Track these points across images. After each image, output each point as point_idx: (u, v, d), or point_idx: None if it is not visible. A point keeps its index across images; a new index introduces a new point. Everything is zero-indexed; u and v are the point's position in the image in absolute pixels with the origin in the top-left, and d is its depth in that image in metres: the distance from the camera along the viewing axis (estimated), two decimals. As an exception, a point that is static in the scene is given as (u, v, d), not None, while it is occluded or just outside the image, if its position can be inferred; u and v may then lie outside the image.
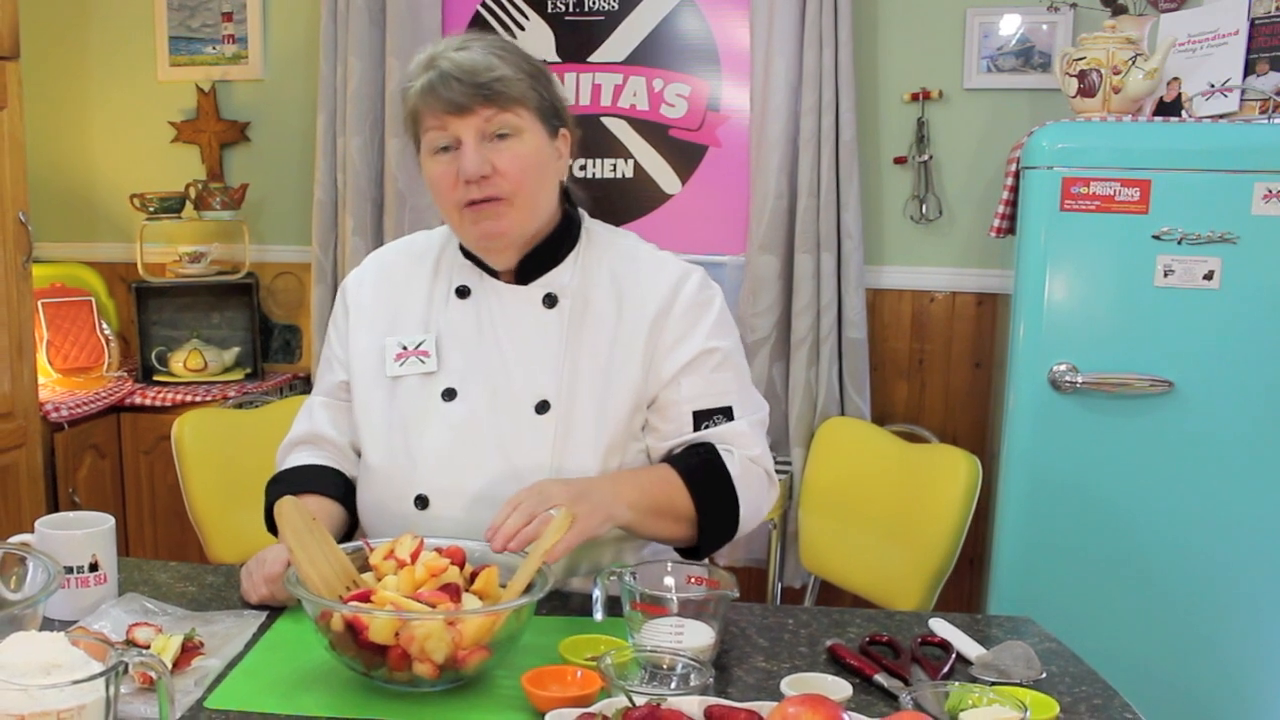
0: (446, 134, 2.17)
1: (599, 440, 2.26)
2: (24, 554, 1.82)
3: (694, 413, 2.29)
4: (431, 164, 2.22)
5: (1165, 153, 3.47)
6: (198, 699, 1.76)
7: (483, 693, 1.81)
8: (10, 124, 3.98)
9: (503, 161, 2.17)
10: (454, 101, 2.13)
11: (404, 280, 2.41)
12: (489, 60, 2.15)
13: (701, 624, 1.87)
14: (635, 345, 2.29)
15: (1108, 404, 3.55)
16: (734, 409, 2.31)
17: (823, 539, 3.91)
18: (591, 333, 2.30)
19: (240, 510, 3.54)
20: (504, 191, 2.19)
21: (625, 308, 2.31)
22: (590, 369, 2.28)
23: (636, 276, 2.34)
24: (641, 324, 2.29)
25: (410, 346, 2.32)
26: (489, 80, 2.13)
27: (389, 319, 2.38)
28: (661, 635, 1.85)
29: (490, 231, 2.24)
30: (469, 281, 2.35)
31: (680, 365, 2.28)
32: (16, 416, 4.05)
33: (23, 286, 4.07)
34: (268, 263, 5.16)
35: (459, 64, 2.14)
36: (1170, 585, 3.56)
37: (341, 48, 4.76)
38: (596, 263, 2.35)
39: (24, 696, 1.34)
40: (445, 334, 2.33)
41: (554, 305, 2.30)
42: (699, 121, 4.77)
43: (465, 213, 2.22)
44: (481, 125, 2.16)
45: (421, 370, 2.30)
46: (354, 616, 1.73)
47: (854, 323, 4.49)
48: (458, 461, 2.25)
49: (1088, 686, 1.92)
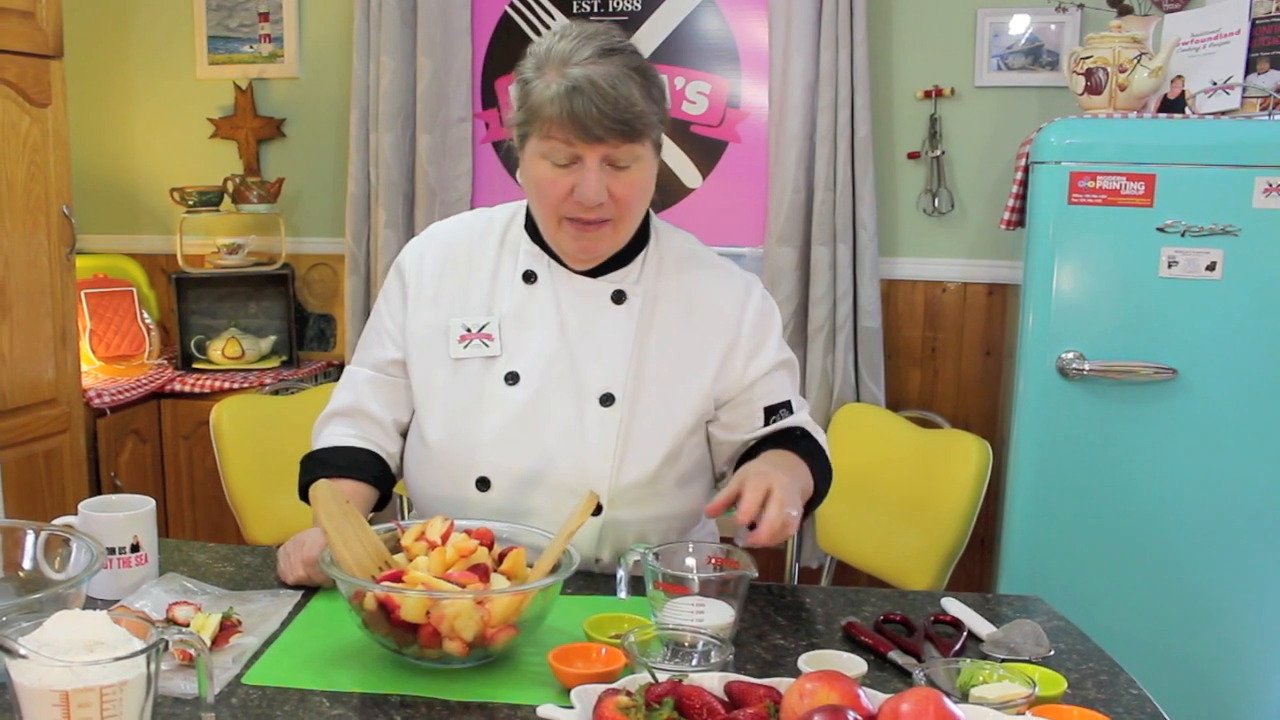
0: (569, 151, 2.10)
1: (662, 438, 2.26)
2: (68, 535, 1.82)
3: (764, 409, 2.35)
4: (541, 167, 2.15)
5: (1169, 148, 3.46)
6: (235, 675, 1.77)
7: (510, 669, 1.81)
8: (54, 120, 4.00)
9: (619, 189, 2.14)
10: (589, 130, 2.05)
11: (467, 260, 2.36)
12: (630, 91, 2.07)
13: (722, 603, 1.86)
14: (707, 353, 2.31)
15: (1114, 391, 3.54)
16: (792, 403, 2.40)
17: (839, 521, 3.90)
18: (659, 334, 2.30)
19: (276, 493, 3.54)
20: (612, 215, 2.17)
21: (695, 314, 2.33)
22: (657, 368, 2.28)
23: (705, 284, 2.36)
24: (714, 335, 2.33)
25: (474, 329, 2.28)
26: (628, 117, 2.07)
27: (452, 298, 2.33)
28: (683, 614, 1.84)
29: (590, 249, 2.23)
30: (536, 267, 2.31)
31: (758, 375, 2.34)
32: (60, 403, 4.07)
33: (66, 277, 4.09)
34: (303, 254, 5.17)
35: (600, 88, 2.04)
36: (1174, 565, 3.55)
37: (374, 46, 4.75)
38: (665, 265, 2.35)
39: (68, 673, 1.34)
40: (509, 318, 2.29)
41: (622, 302, 2.28)
42: (719, 118, 4.76)
43: (567, 225, 2.18)
44: (608, 153, 2.10)
45: (485, 354, 2.27)
46: (386, 596, 1.73)
47: (869, 312, 4.48)
48: (519, 445, 2.23)
49: (1095, 663, 1.91)
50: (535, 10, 4.80)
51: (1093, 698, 1.77)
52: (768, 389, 2.35)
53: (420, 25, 4.71)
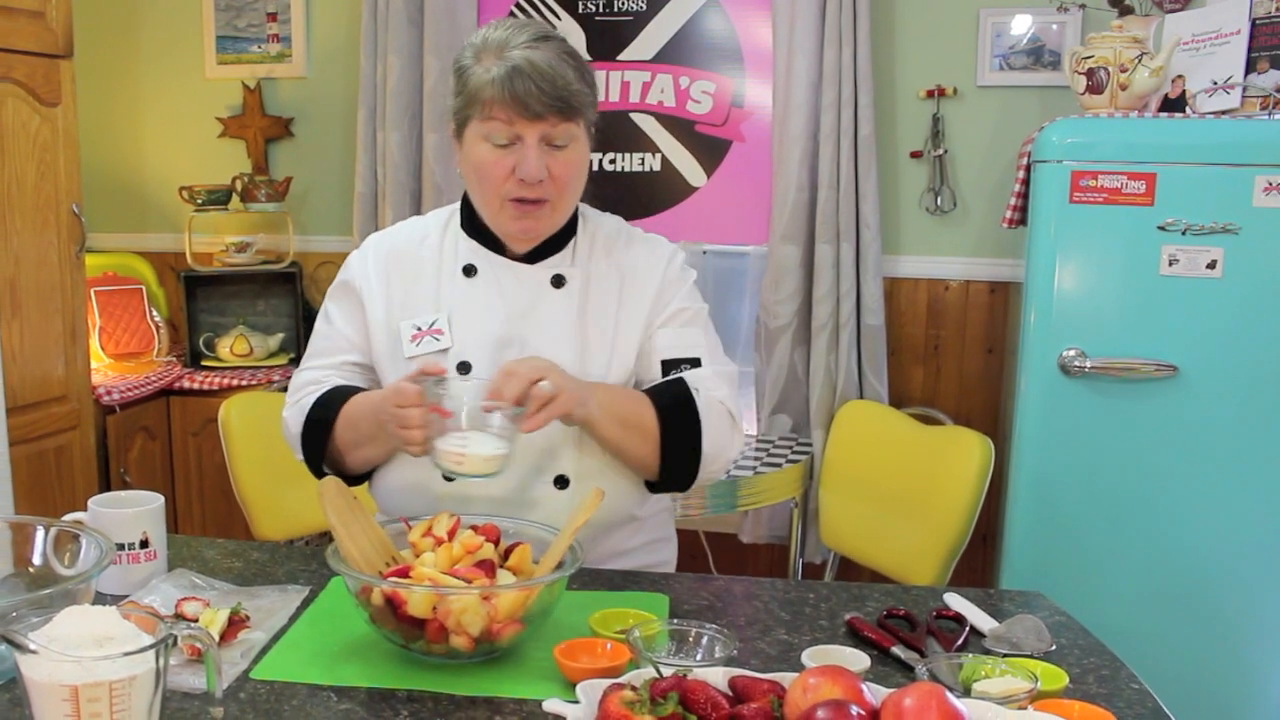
0: (510, 130, 2.16)
1: None
2: (77, 531, 1.82)
3: (662, 361, 2.35)
4: (482, 149, 2.21)
5: (1170, 147, 3.45)
6: (243, 670, 1.77)
7: (516, 664, 1.81)
8: (64, 120, 4.00)
9: (557, 168, 2.21)
10: (529, 107, 2.13)
11: (411, 264, 2.40)
12: (565, 70, 2.16)
13: (486, 436, 2.00)
14: (637, 319, 2.36)
15: (1115, 388, 3.53)
16: (702, 360, 2.37)
17: (842, 517, 3.91)
18: (596, 310, 2.35)
19: (284, 489, 3.55)
20: (551, 195, 2.23)
21: (625, 288, 2.38)
22: (598, 343, 2.33)
23: (632, 258, 2.41)
24: (644, 301, 2.37)
25: (424, 327, 2.32)
26: (566, 94, 2.15)
27: (401, 303, 2.36)
28: (450, 442, 1.99)
29: (531, 229, 2.28)
30: (475, 260, 2.36)
31: (657, 325, 2.37)
32: (70, 400, 4.07)
33: (76, 275, 4.09)
34: (310, 252, 5.17)
35: (537, 67, 2.13)
36: (1174, 561, 3.55)
37: (381, 46, 4.76)
38: (597, 246, 2.40)
39: (77, 668, 1.34)
40: (456, 311, 2.32)
41: (561, 285, 2.33)
42: (724, 117, 4.76)
43: (509, 206, 2.23)
44: (547, 131, 2.17)
45: (437, 348, 2.29)
46: (393, 591, 1.73)
47: (872, 310, 4.48)
48: None
49: (1096, 658, 1.91)
50: (540, 9, 4.80)
51: (1094, 692, 1.77)
52: (668, 341, 2.36)
53: (427, 25, 4.72)
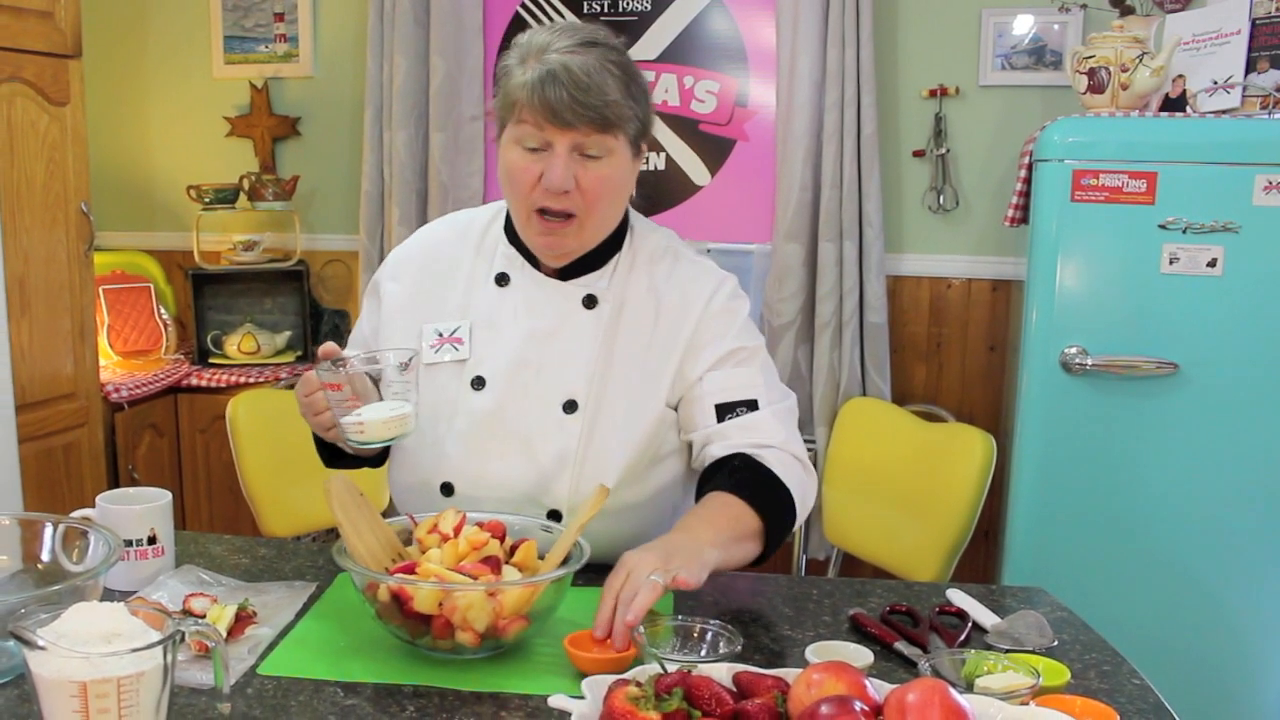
0: (540, 136, 2.06)
1: (626, 443, 2.20)
2: (85, 528, 1.82)
3: (716, 406, 2.22)
4: (514, 153, 2.11)
5: (1170, 146, 3.46)
6: (251, 666, 1.77)
7: (522, 660, 1.81)
8: (73, 119, 4.01)
9: (587, 180, 2.09)
10: (559, 114, 2.02)
11: (447, 263, 2.32)
12: (603, 80, 2.03)
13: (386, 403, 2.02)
14: (670, 354, 2.23)
15: (1116, 385, 3.53)
16: (759, 401, 2.24)
17: (845, 513, 3.90)
18: (626, 337, 2.24)
19: (291, 486, 3.55)
20: (578, 209, 2.11)
21: (662, 316, 2.25)
22: (623, 373, 2.22)
23: (674, 286, 2.27)
24: (678, 336, 2.24)
25: (446, 333, 2.25)
26: (599, 105, 2.03)
27: (429, 303, 2.30)
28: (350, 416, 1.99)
29: (556, 246, 2.17)
30: (510, 269, 2.27)
31: (706, 368, 2.23)
32: (79, 397, 4.07)
33: (85, 273, 4.10)
34: (317, 251, 5.17)
35: (573, 74, 2.01)
36: (1175, 557, 3.55)
37: (388, 46, 4.76)
38: (638, 267, 2.28)
39: (85, 664, 1.34)
40: (480, 320, 2.25)
41: (593, 306, 2.23)
42: (728, 116, 4.75)
43: (535, 220, 2.13)
44: (578, 140, 2.05)
45: (455, 357, 2.23)
46: (400, 587, 1.73)
47: (875, 308, 4.48)
48: (482, 451, 2.20)
49: (1097, 654, 1.91)
50: (546, 10, 4.79)
51: (1096, 688, 1.76)
52: (718, 384, 2.23)
53: (433, 25, 4.72)
